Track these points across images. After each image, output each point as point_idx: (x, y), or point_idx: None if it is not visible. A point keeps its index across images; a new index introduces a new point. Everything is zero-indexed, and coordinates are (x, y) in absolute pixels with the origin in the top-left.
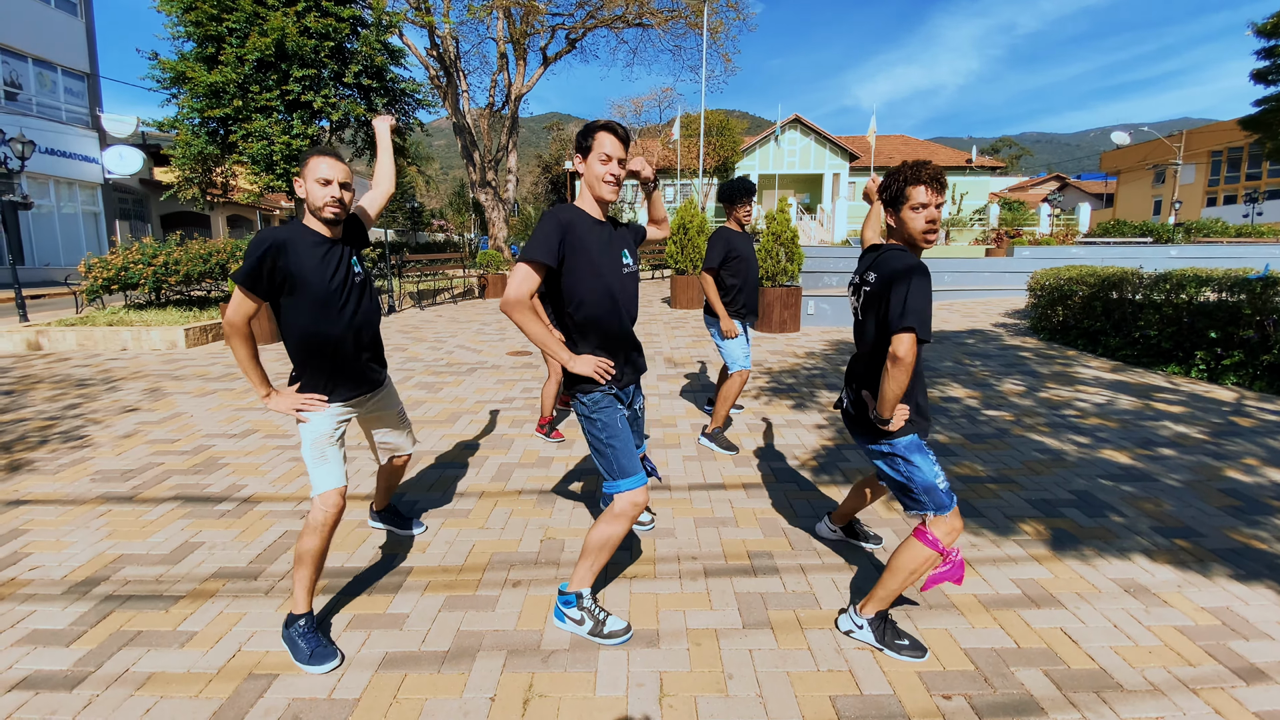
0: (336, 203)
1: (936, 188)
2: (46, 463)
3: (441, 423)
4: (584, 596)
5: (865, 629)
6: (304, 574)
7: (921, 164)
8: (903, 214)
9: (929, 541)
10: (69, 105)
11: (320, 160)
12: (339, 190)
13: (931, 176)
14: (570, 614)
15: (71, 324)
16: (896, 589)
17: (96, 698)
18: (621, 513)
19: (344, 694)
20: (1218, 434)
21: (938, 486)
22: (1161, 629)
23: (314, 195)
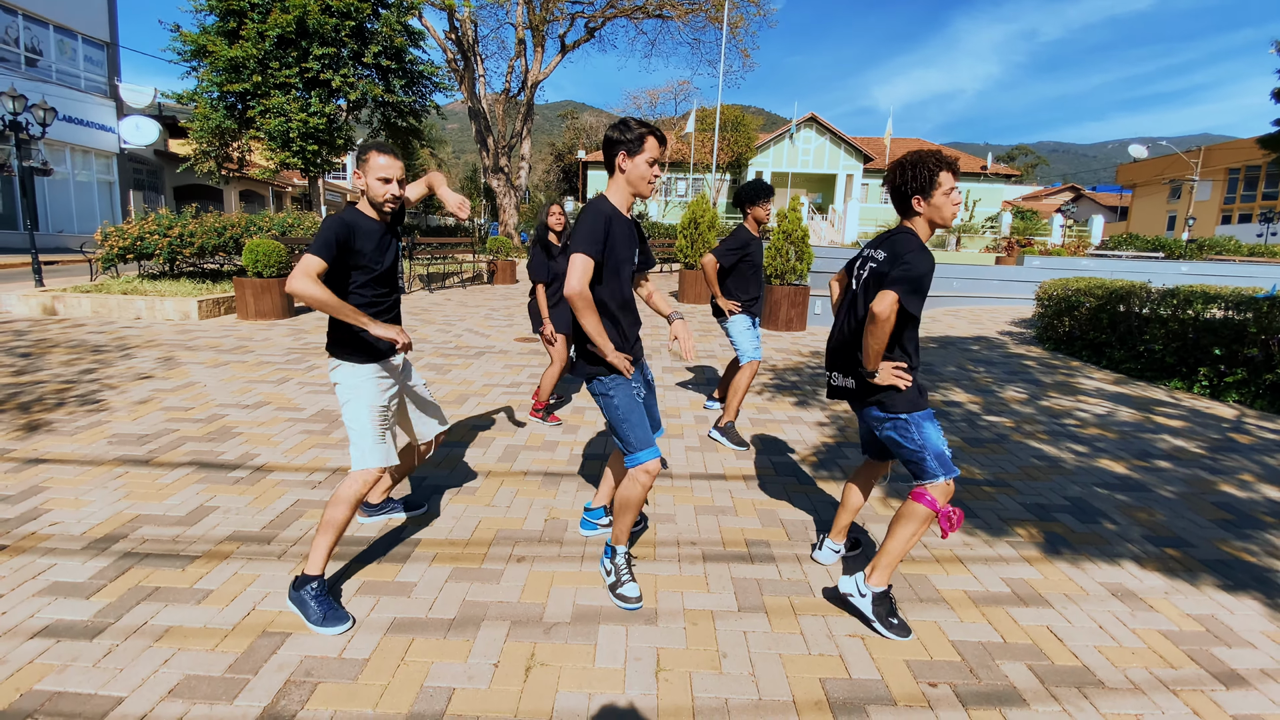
0: (395, 200)
1: (957, 172)
2: (64, 424)
3: (450, 404)
4: (618, 553)
5: (867, 598)
6: (326, 540)
7: (935, 152)
8: (935, 200)
9: (927, 501)
10: (88, 74)
11: (380, 157)
12: (397, 188)
13: (952, 163)
14: (605, 564)
15: (87, 290)
16: (900, 552)
17: (116, 647)
18: (635, 478)
19: (354, 654)
20: (1215, 449)
21: (946, 452)
22: (1146, 632)
23: (375, 190)
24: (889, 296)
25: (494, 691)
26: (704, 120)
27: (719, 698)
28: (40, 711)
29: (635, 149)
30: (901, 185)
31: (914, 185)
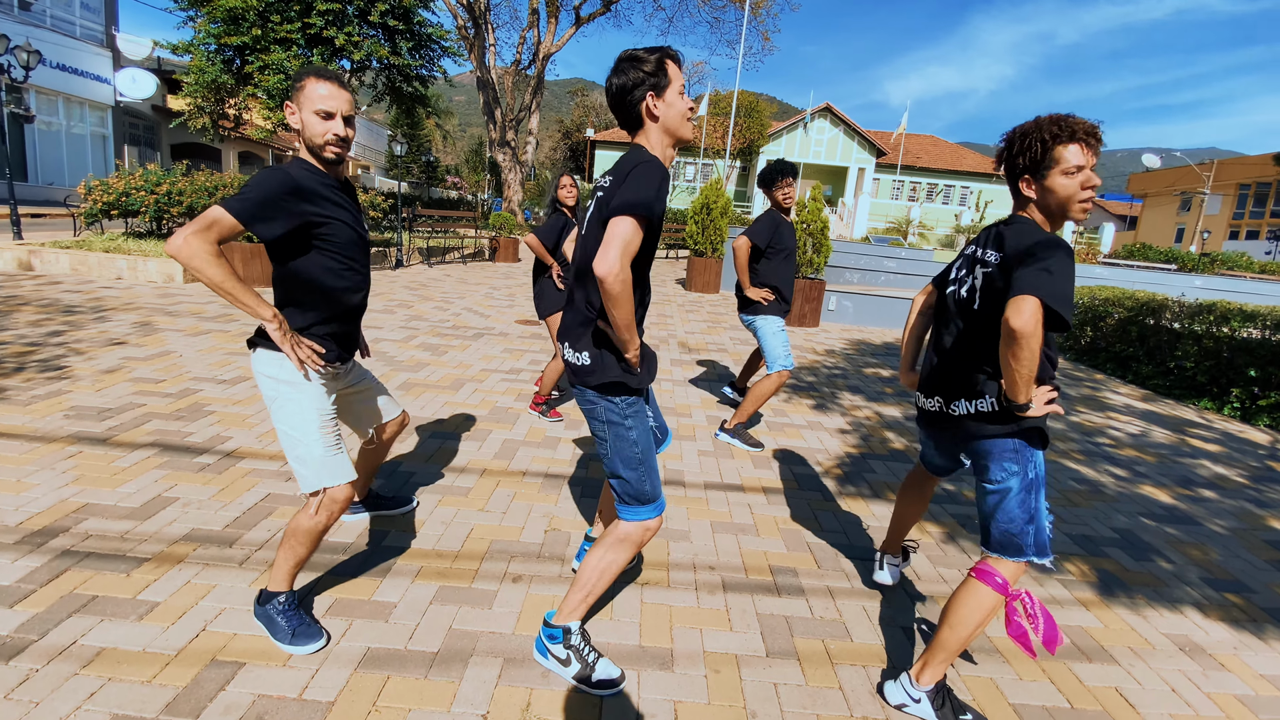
0: (339, 141)
1: (1094, 144)
2: (19, 392)
3: (444, 389)
4: (572, 633)
5: (923, 703)
6: (292, 560)
7: (1067, 118)
8: (1051, 181)
9: (996, 584)
10: (84, 21)
11: (319, 84)
12: (342, 127)
13: (1088, 132)
14: (555, 651)
15: (66, 247)
16: (958, 647)
17: (35, 672)
18: (629, 538)
19: (317, 694)
20: (1258, 479)
21: (1046, 529)
22: (1222, 697)
23: (312, 129)
24: (1028, 303)
25: None
26: (716, 105)
27: None
28: None
29: (662, 83)
30: (1009, 163)
31: (1023, 162)
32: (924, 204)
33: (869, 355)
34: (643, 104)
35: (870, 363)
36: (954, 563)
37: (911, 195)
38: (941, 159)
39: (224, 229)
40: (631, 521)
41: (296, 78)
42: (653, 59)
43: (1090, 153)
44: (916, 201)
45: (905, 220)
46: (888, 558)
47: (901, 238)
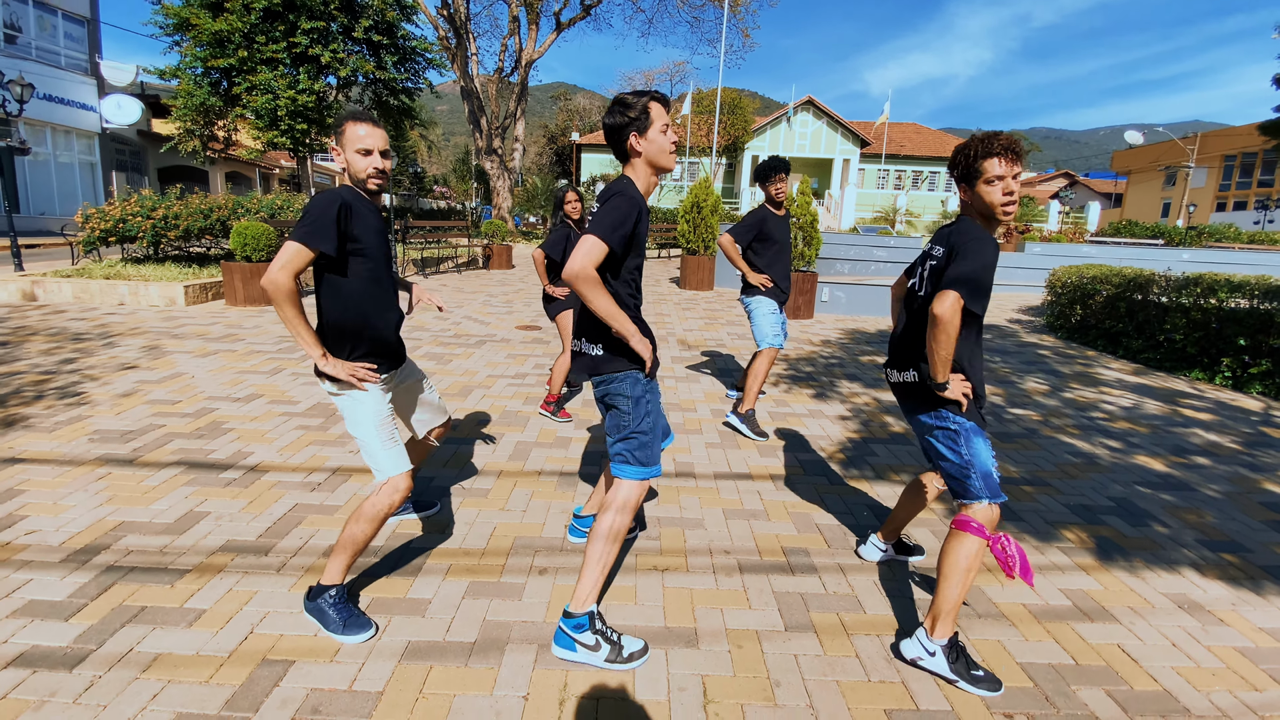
0: (379, 174)
1: (1011, 158)
2: (42, 419)
3: (453, 396)
4: (596, 617)
5: (938, 656)
6: (345, 557)
7: (994, 135)
8: (978, 188)
9: (974, 529)
10: (68, 51)
11: (358, 125)
12: (380, 160)
13: (1005, 147)
14: (583, 640)
15: (67, 275)
16: (958, 596)
17: (99, 679)
18: (629, 500)
19: (366, 685)
20: (1251, 445)
21: (994, 475)
22: (1222, 650)
23: (355, 165)
24: (948, 296)
25: None
26: (700, 103)
27: None
28: None
29: (644, 124)
30: (954, 171)
31: (957, 173)
32: (910, 192)
33: (864, 343)
34: (628, 142)
35: (866, 350)
36: None
37: (897, 184)
38: (925, 146)
39: (301, 261)
40: (632, 481)
41: (336, 122)
42: (639, 104)
43: (1009, 164)
44: (902, 190)
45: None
46: (874, 538)
47: (889, 226)
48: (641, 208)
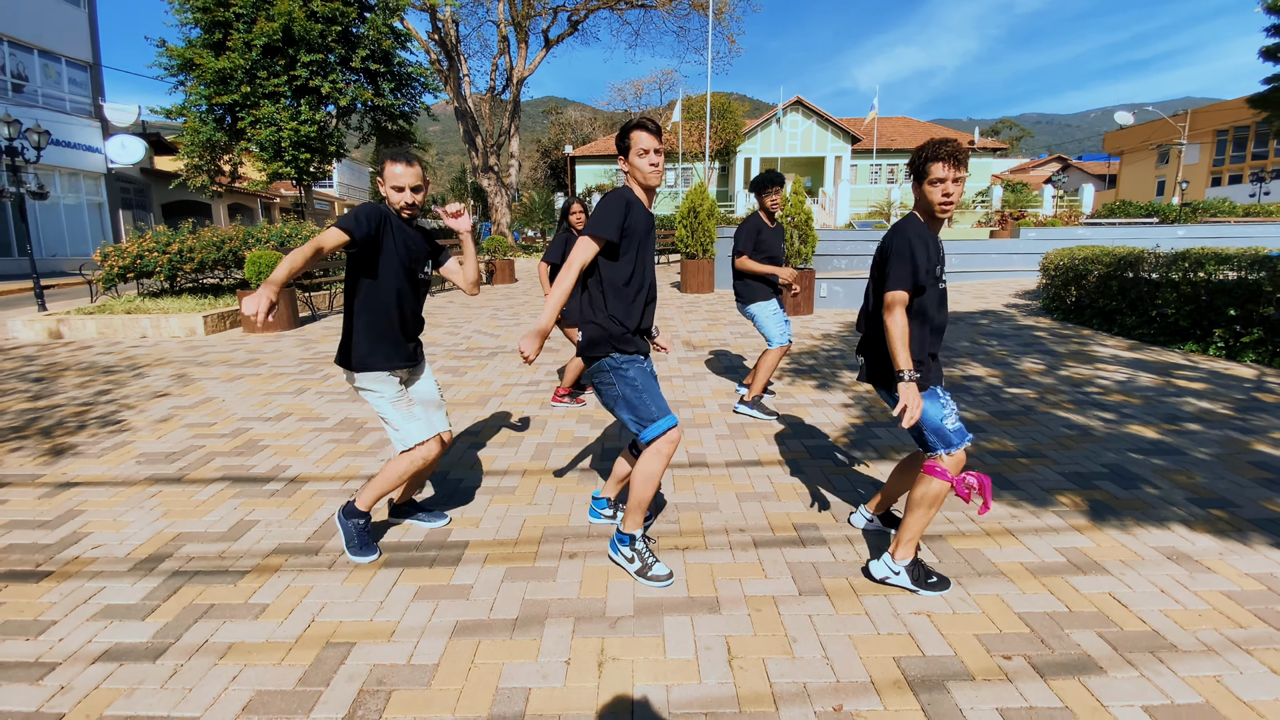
0: (409, 206)
1: (954, 163)
2: (89, 446)
3: (472, 405)
4: (637, 539)
5: (902, 574)
6: (378, 490)
7: (943, 141)
8: (923, 187)
9: (938, 473)
10: (72, 96)
11: (395, 166)
12: (410, 195)
13: (950, 153)
14: (623, 551)
15: (90, 312)
16: (920, 527)
17: (181, 667)
18: (658, 451)
19: (423, 660)
20: (1243, 409)
21: (945, 427)
22: (1209, 594)
23: (392, 199)
24: (887, 295)
25: (571, 689)
26: (690, 109)
27: (796, 682)
28: None
29: (627, 148)
30: (909, 169)
31: (909, 171)
32: (903, 185)
33: None
34: (620, 164)
35: None
36: (955, 505)
37: (890, 178)
38: (916, 139)
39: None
40: (654, 438)
41: (379, 159)
42: (627, 130)
43: (951, 168)
44: (895, 184)
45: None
46: (863, 508)
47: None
48: (630, 200)
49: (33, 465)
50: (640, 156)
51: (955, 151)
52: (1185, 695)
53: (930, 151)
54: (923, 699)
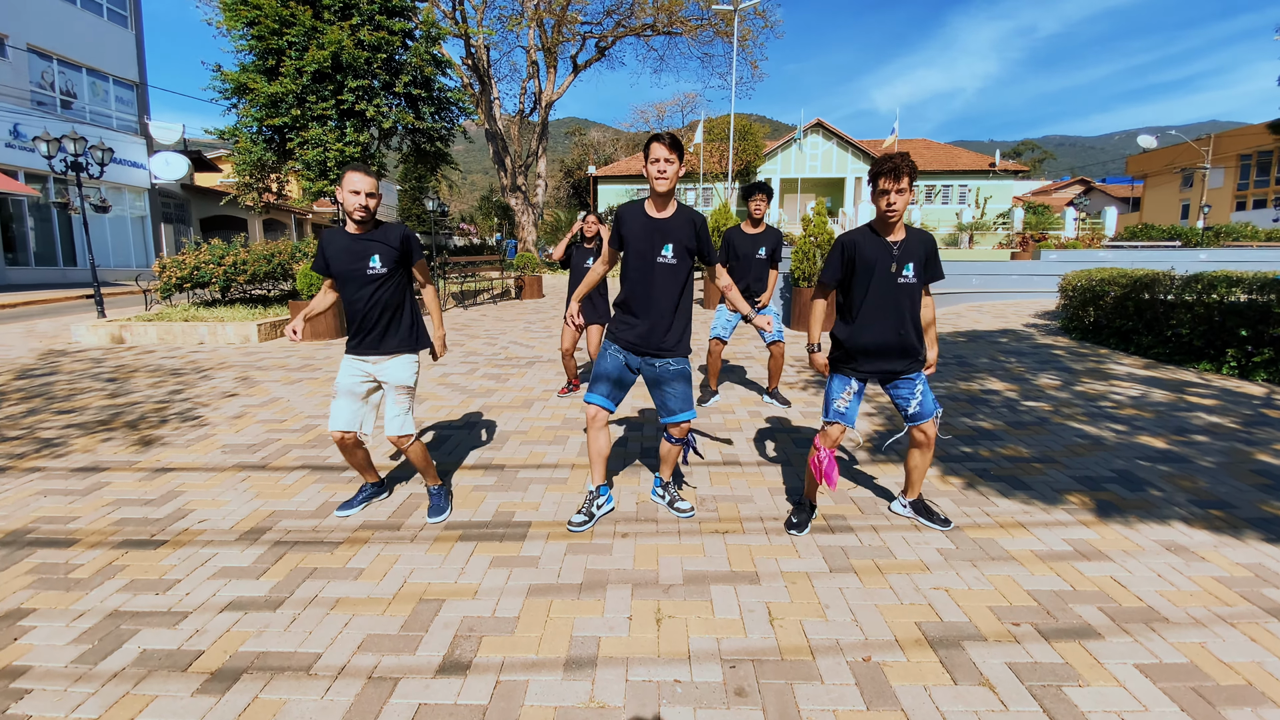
0: (362, 209)
1: (892, 178)
2: (175, 438)
3: (518, 408)
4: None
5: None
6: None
7: (887, 157)
8: (874, 198)
9: (816, 443)
10: (119, 113)
11: (353, 174)
12: (365, 199)
13: (890, 169)
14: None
15: (149, 319)
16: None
17: (299, 615)
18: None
19: (505, 613)
20: (1250, 424)
21: (830, 404)
22: (1201, 578)
23: (346, 202)
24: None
25: (634, 638)
26: (712, 131)
27: (830, 638)
28: (253, 667)
29: (645, 161)
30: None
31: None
32: (924, 206)
33: None
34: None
35: None
36: (973, 502)
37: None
38: (936, 160)
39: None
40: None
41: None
42: (647, 145)
43: (891, 181)
44: (916, 204)
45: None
46: (899, 498)
47: None
48: (620, 213)
49: (126, 453)
50: (651, 164)
51: (895, 167)
52: (1173, 657)
53: (875, 168)
54: (940, 654)
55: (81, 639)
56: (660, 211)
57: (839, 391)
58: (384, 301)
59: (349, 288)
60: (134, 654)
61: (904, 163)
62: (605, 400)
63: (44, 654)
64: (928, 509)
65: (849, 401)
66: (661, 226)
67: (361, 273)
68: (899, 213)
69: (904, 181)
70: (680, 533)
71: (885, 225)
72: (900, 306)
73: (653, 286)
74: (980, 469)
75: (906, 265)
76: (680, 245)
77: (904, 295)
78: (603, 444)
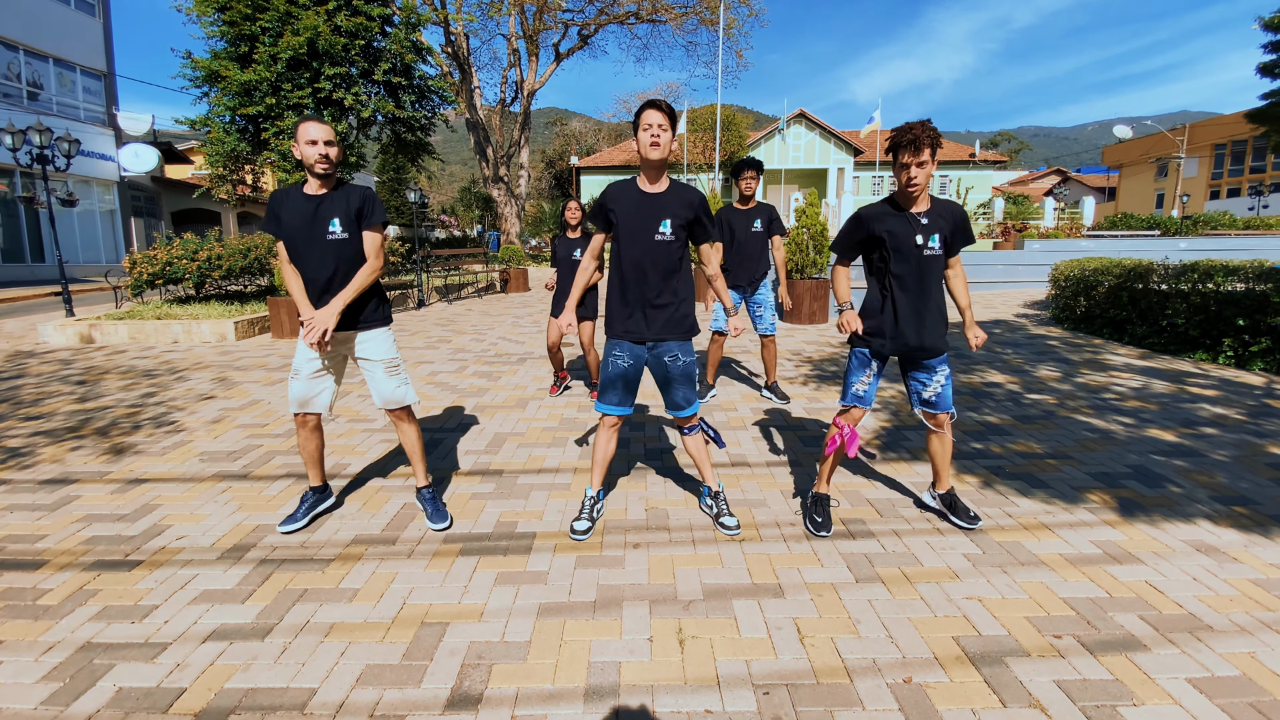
0: (323, 159)
1: (912, 150)
2: (149, 445)
3: (512, 408)
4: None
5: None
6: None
7: (906, 129)
8: (895, 172)
9: (836, 421)
10: (87, 104)
11: (306, 125)
12: (323, 148)
13: (911, 140)
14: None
15: (120, 317)
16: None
17: (290, 644)
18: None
19: (515, 637)
20: (1256, 415)
21: (849, 387)
22: (1238, 581)
23: (306, 155)
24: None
25: (657, 663)
26: (695, 121)
27: (866, 658)
28: (240, 707)
29: (636, 126)
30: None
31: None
32: None
33: None
34: (634, 143)
35: None
36: (992, 502)
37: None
38: None
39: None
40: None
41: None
42: (637, 114)
43: (911, 154)
44: None
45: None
46: (928, 491)
47: None
48: (607, 192)
49: (97, 463)
50: (643, 131)
51: (915, 139)
52: (1224, 669)
53: (894, 139)
54: (985, 672)
55: (51, 676)
56: (653, 185)
57: (859, 374)
58: (348, 271)
59: (307, 253)
60: (109, 693)
61: (924, 133)
62: (618, 408)
63: (10, 693)
64: (955, 504)
65: (868, 384)
66: (657, 201)
67: (321, 236)
68: (920, 186)
69: (924, 154)
70: (695, 541)
71: (907, 198)
72: (926, 280)
73: (650, 267)
74: (995, 466)
75: (932, 236)
76: (677, 221)
77: (930, 268)
78: (611, 449)
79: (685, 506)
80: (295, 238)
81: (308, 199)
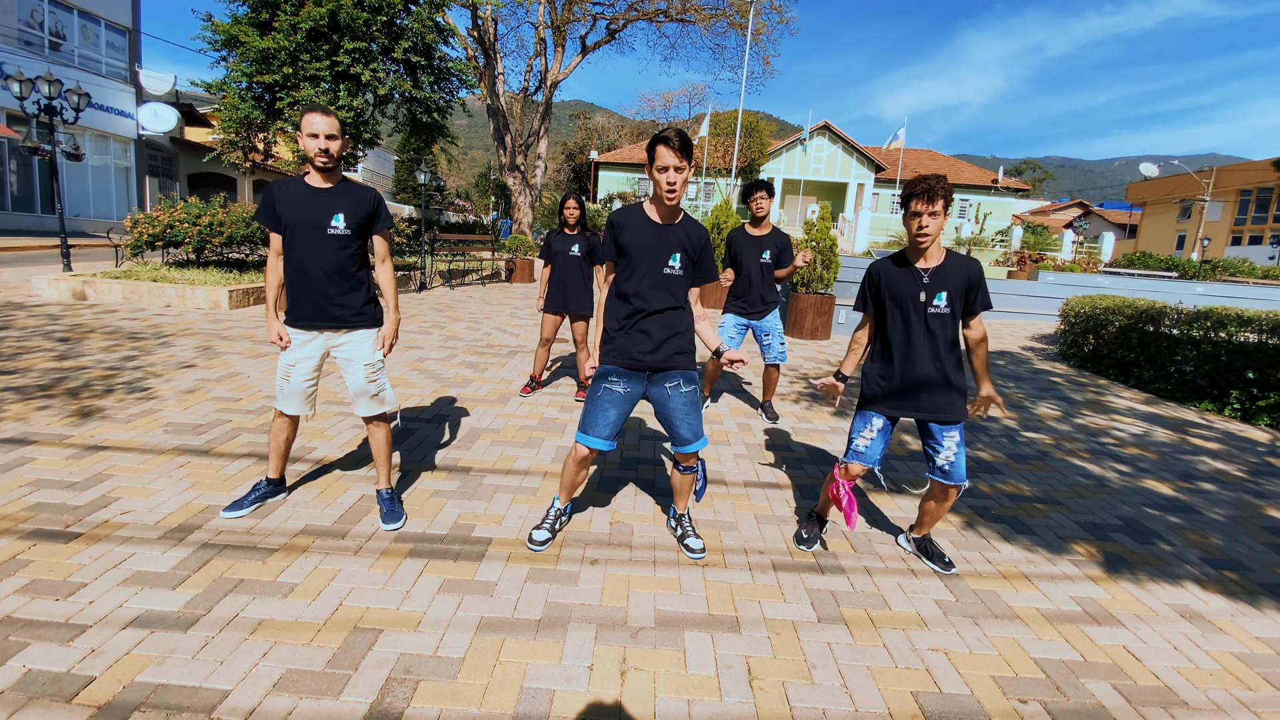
0: (323, 153)
1: (926, 199)
2: (117, 411)
3: (493, 402)
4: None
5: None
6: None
7: (920, 179)
8: (905, 220)
9: (835, 474)
10: (109, 59)
11: (310, 115)
12: (324, 142)
13: (924, 190)
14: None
15: (116, 276)
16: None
17: (212, 639)
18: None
19: (449, 652)
20: (1256, 473)
21: (850, 441)
22: (1220, 654)
23: (306, 147)
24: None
25: (594, 694)
26: (717, 125)
27: (816, 708)
28: (147, 704)
29: (652, 160)
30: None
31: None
32: None
33: None
34: (646, 169)
35: None
36: (973, 545)
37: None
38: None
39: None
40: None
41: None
42: (653, 145)
43: (924, 203)
44: None
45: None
46: (904, 534)
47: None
48: (612, 222)
49: (59, 425)
50: (659, 173)
51: (928, 189)
52: None
53: (908, 188)
54: None
55: None
56: (666, 218)
57: (860, 429)
58: (343, 268)
59: (304, 245)
60: (17, 674)
61: (939, 184)
62: (602, 442)
63: None
64: (930, 549)
65: (870, 440)
66: (668, 234)
67: (321, 230)
68: (930, 237)
69: (938, 204)
70: (656, 563)
71: (916, 250)
72: (931, 340)
73: (656, 298)
74: (980, 506)
75: (938, 295)
76: (686, 256)
77: (936, 327)
78: (581, 478)
79: (653, 524)
80: (295, 227)
81: (312, 191)
